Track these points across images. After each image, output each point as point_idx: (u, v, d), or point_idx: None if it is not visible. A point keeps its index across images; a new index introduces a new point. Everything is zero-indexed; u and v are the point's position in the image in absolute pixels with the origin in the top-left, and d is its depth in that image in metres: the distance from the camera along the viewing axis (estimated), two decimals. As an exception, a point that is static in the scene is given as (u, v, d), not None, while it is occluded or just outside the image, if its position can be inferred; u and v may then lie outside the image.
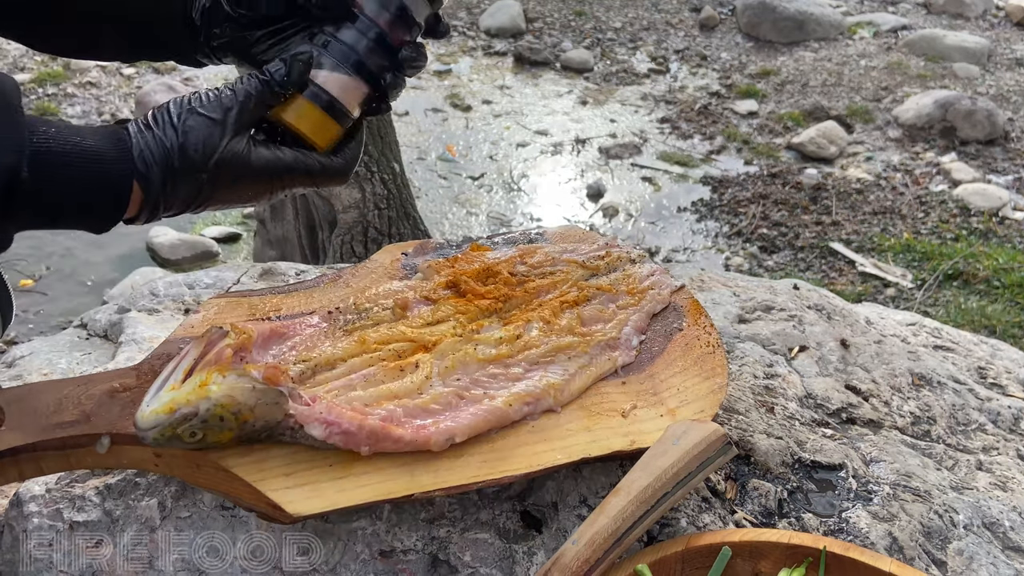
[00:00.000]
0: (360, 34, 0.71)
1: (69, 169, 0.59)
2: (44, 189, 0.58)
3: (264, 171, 0.68)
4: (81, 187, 0.60)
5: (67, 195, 0.59)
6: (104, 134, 0.62)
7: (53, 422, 0.65)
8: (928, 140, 4.74)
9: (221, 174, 0.65)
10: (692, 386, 0.80)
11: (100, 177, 0.60)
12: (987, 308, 3.27)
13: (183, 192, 0.65)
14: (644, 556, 0.65)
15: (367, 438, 0.66)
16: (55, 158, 0.58)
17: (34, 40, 0.80)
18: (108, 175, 0.60)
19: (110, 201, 0.61)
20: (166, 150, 0.63)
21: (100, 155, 0.60)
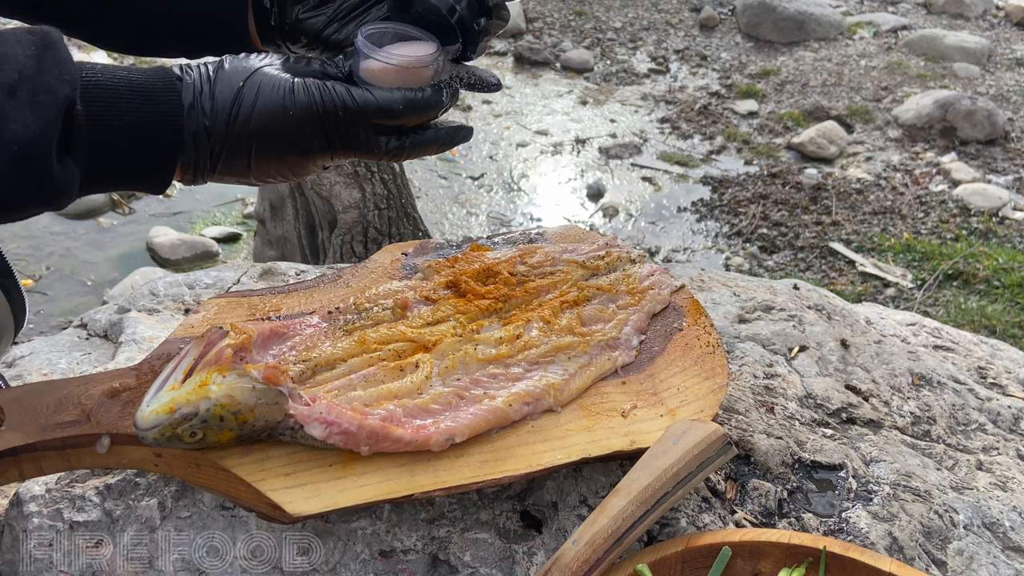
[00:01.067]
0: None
1: (120, 101, 0.58)
2: (99, 123, 0.57)
3: (304, 99, 0.63)
4: (133, 119, 0.59)
5: (122, 129, 0.59)
6: (152, 71, 0.61)
7: (53, 422, 0.65)
8: (928, 140, 4.74)
9: (255, 100, 0.62)
10: (692, 386, 0.80)
11: (150, 109, 0.59)
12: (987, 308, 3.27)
13: (218, 124, 0.62)
14: (644, 556, 0.65)
15: (367, 438, 0.66)
16: (106, 92, 0.58)
17: (92, 35, 0.78)
18: (157, 106, 0.60)
19: (161, 136, 0.60)
20: (204, 71, 0.62)
21: (148, 87, 0.60)
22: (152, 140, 0.60)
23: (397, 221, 2.75)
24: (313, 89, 0.64)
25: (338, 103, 0.64)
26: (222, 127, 0.62)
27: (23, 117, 0.53)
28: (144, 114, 0.59)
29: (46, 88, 0.54)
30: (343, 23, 0.73)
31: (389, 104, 0.66)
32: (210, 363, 0.66)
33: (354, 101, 0.65)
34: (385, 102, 0.66)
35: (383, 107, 0.66)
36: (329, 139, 0.65)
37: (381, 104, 0.66)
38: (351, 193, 2.65)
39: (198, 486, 0.69)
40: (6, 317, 0.82)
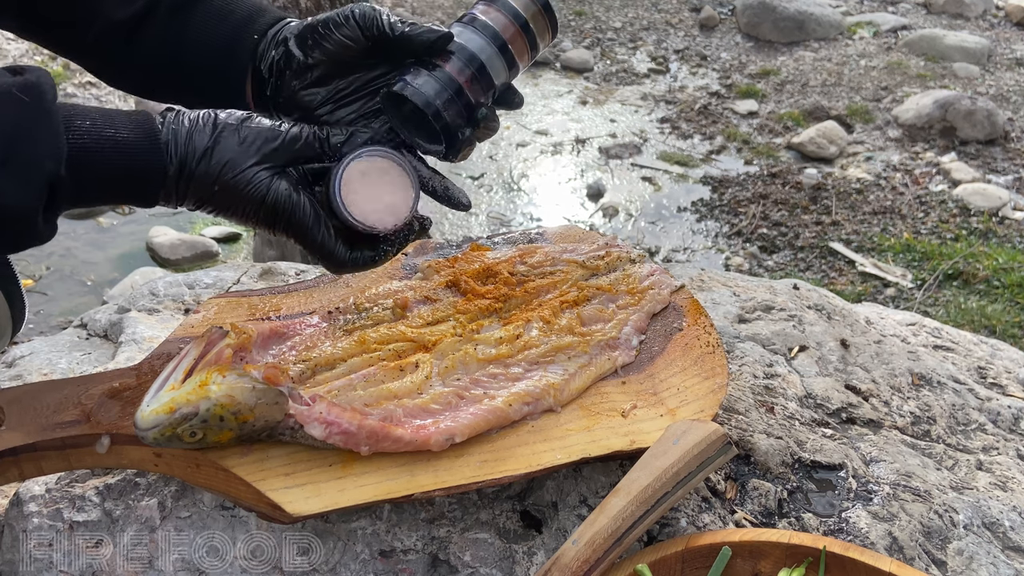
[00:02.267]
0: (440, 86, 0.70)
1: (105, 166, 0.61)
2: (82, 184, 0.61)
3: (268, 213, 0.67)
4: (117, 178, 0.63)
5: (103, 186, 0.63)
6: (137, 124, 0.64)
7: (53, 422, 0.65)
8: (928, 140, 4.74)
9: (228, 195, 0.66)
10: (692, 386, 0.80)
11: (132, 170, 0.63)
12: (987, 308, 3.27)
13: (194, 193, 0.66)
14: (644, 556, 0.65)
15: (367, 438, 0.66)
16: (91, 156, 0.61)
17: (98, 70, 0.82)
18: (140, 168, 0.63)
19: (141, 191, 0.64)
20: (192, 151, 0.64)
21: (132, 148, 0.62)
22: (127, 196, 0.64)
23: (397, 221, 2.74)
24: (281, 206, 0.67)
25: (295, 230, 0.68)
26: (191, 200, 0.66)
27: (11, 188, 0.56)
28: (122, 177, 0.63)
29: (35, 162, 0.57)
30: (337, 105, 0.75)
31: (335, 257, 0.70)
32: (210, 363, 0.66)
33: (309, 238, 0.69)
34: (332, 255, 0.70)
35: (327, 258, 0.70)
36: (281, 237, 0.70)
37: (328, 254, 0.70)
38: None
39: (198, 486, 0.69)
40: (5, 322, 0.83)
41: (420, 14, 6.42)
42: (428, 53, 0.71)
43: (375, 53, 0.73)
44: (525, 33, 0.72)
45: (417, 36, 0.71)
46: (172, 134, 0.64)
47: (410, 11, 6.46)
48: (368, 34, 0.71)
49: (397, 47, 0.72)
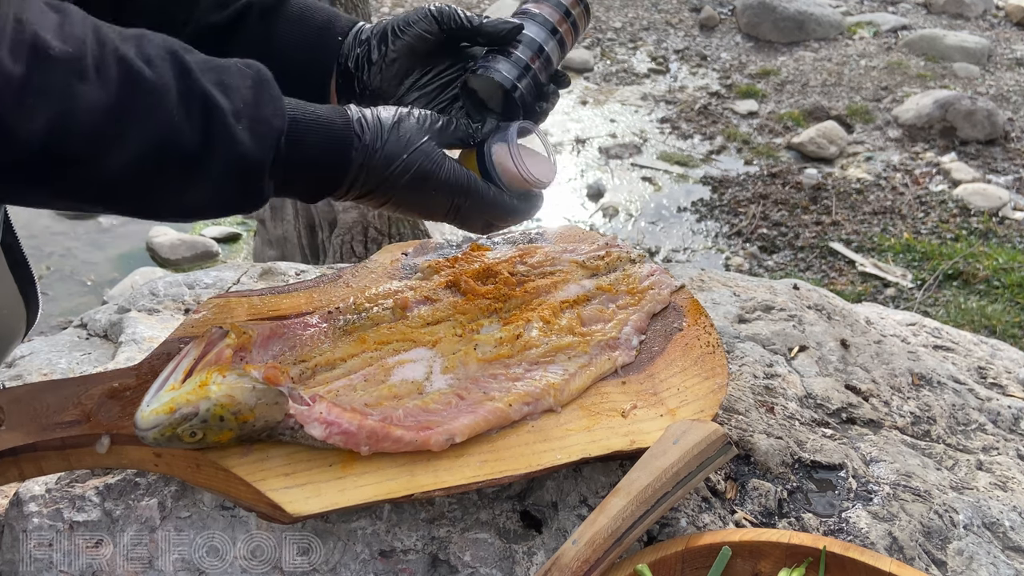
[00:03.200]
0: (517, 68, 0.81)
1: (310, 135, 0.68)
2: (293, 151, 0.67)
3: (448, 181, 0.74)
4: (317, 152, 0.69)
5: (306, 158, 0.69)
6: (332, 108, 0.72)
7: (53, 422, 0.65)
8: (928, 140, 4.74)
9: (414, 167, 0.72)
10: (692, 386, 0.80)
11: (332, 140, 0.70)
12: (987, 308, 3.27)
13: (378, 171, 0.72)
14: (644, 556, 0.65)
15: (367, 438, 0.66)
16: (299, 125, 0.68)
17: None
18: (338, 139, 0.70)
19: (335, 169, 0.71)
20: (379, 126, 0.72)
21: (331, 122, 0.70)
22: (325, 171, 0.71)
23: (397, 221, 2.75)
24: (460, 176, 0.75)
25: (472, 196, 0.76)
26: (376, 179, 0.72)
27: (251, 142, 0.63)
28: (324, 149, 0.69)
29: (264, 120, 0.65)
30: (418, 94, 0.84)
31: (509, 211, 0.79)
32: (210, 363, 0.66)
33: (483, 200, 0.77)
34: (503, 208, 0.79)
35: (504, 212, 0.79)
36: (451, 214, 0.77)
37: (504, 210, 0.79)
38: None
39: (198, 486, 0.69)
40: (19, 323, 0.86)
41: (420, 14, 6.42)
42: (502, 42, 0.82)
43: (447, 47, 0.83)
44: (568, 18, 0.84)
45: (493, 27, 0.81)
46: (361, 114, 0.72)
47: (410, 11, 6.46)
48: (445, 27, 0.81)
49: (474, 37, 0.82)
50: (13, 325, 0.87)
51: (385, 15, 6.33)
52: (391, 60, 0.81)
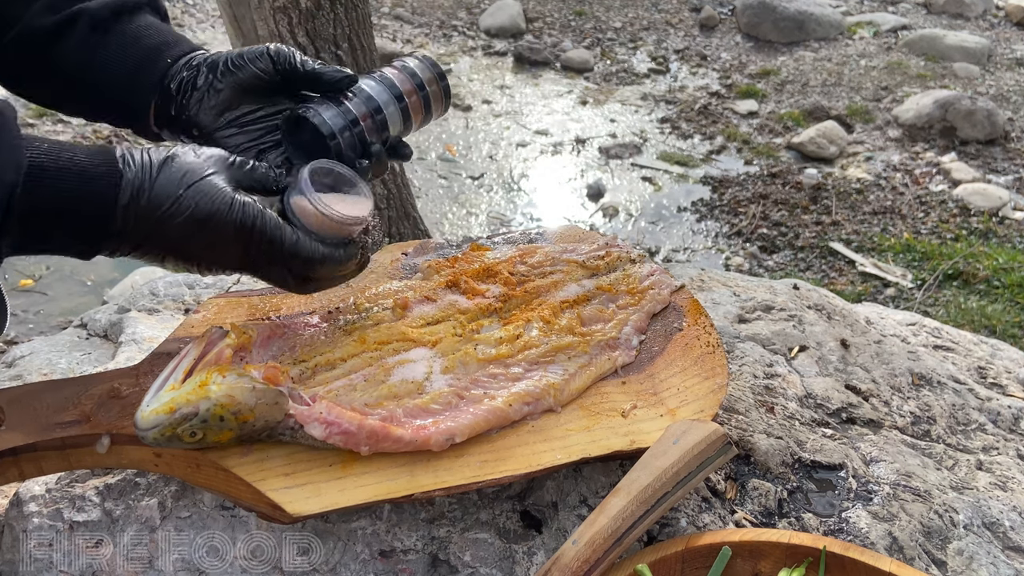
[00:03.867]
0: (339, 115, 0.76)
1: (60, 183, 0.60)
2: (37, 202, 0.59)
3: (234, 223, 0.64)
4: (70, 198, 0.61)
5: (58, 207, 0.61)
6: (96, 151, 0.63)
7: (53, 422, 0.65)
8: (928, 140, 4.74)
9: (191, 207, 0.63)
10: (692, 386, 0.80)
11: (88, 191, 0.61)
12: (987, 308, 3.27)
13: (148, 212, 0.63)
14: (644, 556, 0.65)
15: (367, 438, 0.66)
16: (48, 173, 0.60)
17: (14, 83, 0.83)
18: (95, 189, 0.62)
19: (96, 215, 0.62)
20: (148, 162, 0.64)
21: (87, 170, 0.62)
22: (85, 219, 0.62)
23: (397, 221, 2.74)
24: (249, 214, 0.65)
25: (266, 237, 0.66)
26: (148, 223, 0.63)
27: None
28: (79, 194, 0.61)
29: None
30: (239, 131, 0.77)
31: (311, 256, 0.69)
32: (210, 363, 0.66)
33: (281, 243, 0.67)
34: (308, 254, 0.68)
35: (305, 258, 0.69)
36: (246, 263, 0.68)
37: (304, 256, 0.68)
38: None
39: (198, 486, 0.69)
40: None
41: (420, 14, 6.43)
42: (333, 89, 0.78)
43: (283, 89, 0.79)
44: (420, 91, 0.81)
45: (325, 73, 0.78)
46: (129, 153, 0.64)
47: (410, 11, 6.46)
48: (280, 68, 0.77)
49: (306, 82, 0.78)
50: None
51: (385, 14, 6.33)
52: (217, 90, 0.76)
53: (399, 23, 6.27)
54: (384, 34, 5.96)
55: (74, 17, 0.77)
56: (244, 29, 2.23)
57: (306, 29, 2.17)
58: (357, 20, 2.29)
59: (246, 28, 2.22)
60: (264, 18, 2.16)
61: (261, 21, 2.17)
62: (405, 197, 2.80)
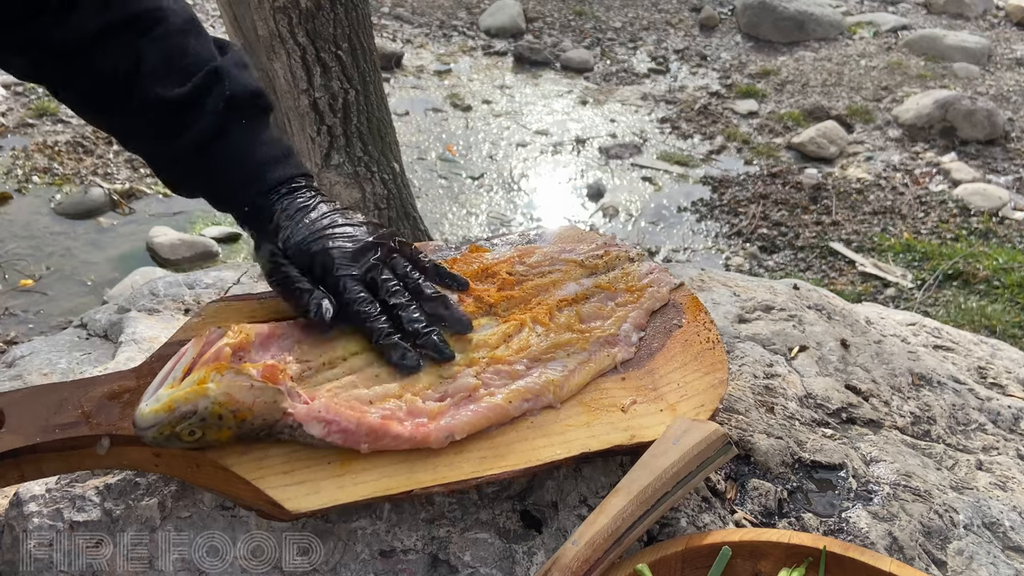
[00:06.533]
0: None
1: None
2: None
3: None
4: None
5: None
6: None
7: (53, 424, 0.65)
8: (928, 140, 4.74)
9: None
10: (692, 381, 0.80)
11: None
12: (987, 308, 3.27)
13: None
14: (644, 556, 0.65)
15: (366, 436, 0.66)
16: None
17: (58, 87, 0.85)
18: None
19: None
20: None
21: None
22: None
23: (397, 221, 2.74)
24: None
25: None
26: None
27: None
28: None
29: None
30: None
31: None
32: (208, 362, 0.66)
33: None
34: None
35: None
36: None
37: None
38: (351, 193, 2.65)
39: (198, 486, 0.69)
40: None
41: (420, 14, 6.43)
42: None
43: None
44: None
45: None
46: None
47: (410, 11, 6.46)
48: None
49: None
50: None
51: (385, 14, 6.33)
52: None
53: (399, 23, 6.27)
54: (384, 34, 5.96)
55: (209, 86, 0.81)
56: (244, 29, 2.23)
57: (306, 29, 2.17)
58: (357, 20, 2.29)
59: (246, 28, 2.22)
60: (264, 18, 2.16)
61: (261, 21, 2.17)
62: (405, 197, 2.80)
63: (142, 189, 3.94)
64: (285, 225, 0.81)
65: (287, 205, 0.82)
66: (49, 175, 3.93)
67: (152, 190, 3.96)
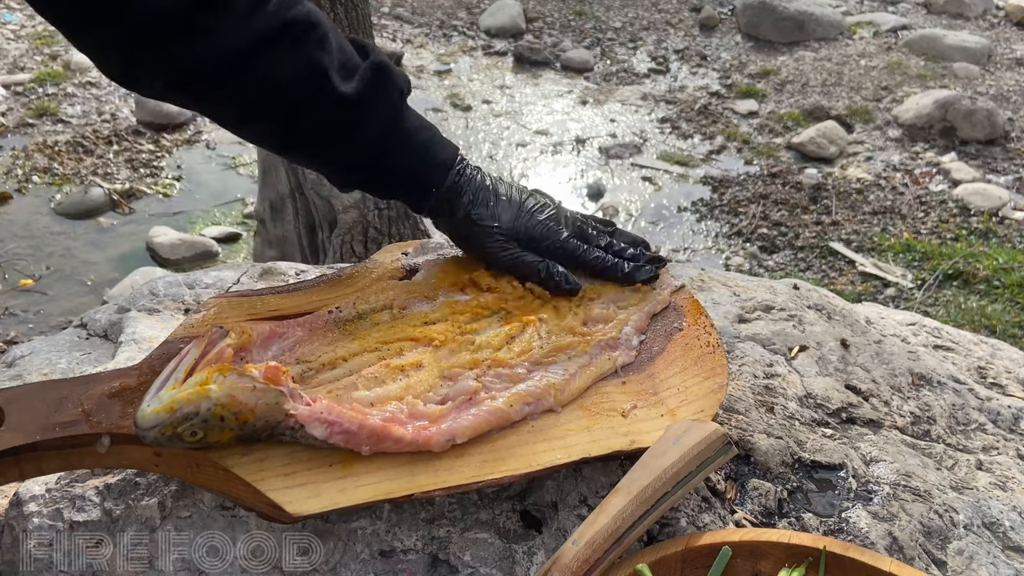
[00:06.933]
0: None
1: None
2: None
3: None
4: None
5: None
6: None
7: (53, 422, 0.65)
8: (928, 140, 4.74)
9: None
10: (692, 386, 0.80)
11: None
12: (987, 308, 3.27)
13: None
14: (644, 556, 0.65)
15: (368, 438, 0.66)
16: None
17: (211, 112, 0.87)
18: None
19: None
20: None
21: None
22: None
23: (397, 221, 2.74)
24: None
25: None
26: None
27: None
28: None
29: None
30: None
31: None
32: (211, 363, 0.66)
33: None
34: None
35: None
36: None
37: None
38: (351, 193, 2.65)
39: (198, 486, 0.69)
40: None
41: (420, 14, 6.43)
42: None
43: None
44: None
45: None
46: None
47: (410, 11, 6.46)
48: None
49: None
50: None
51: (385, 14, 6.33)
52: None
53: (399, 23, 6.27)
54: (384, 34, 5.96)
55: (379, 81, 0.83)
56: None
57: (306, 29, 2.17)
58: (357, 20, 2.29)
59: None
60: (264, 18, 2.15)
61: (261, 21, 2.16)
62: (405, 197, 2.80)
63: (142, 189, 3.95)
64: (489, 209, 0.88)
65: (475, 188, 0.88)
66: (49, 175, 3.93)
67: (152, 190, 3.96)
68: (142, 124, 4.49)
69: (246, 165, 4.23)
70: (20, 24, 5.45)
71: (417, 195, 0.89)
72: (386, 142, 0.84)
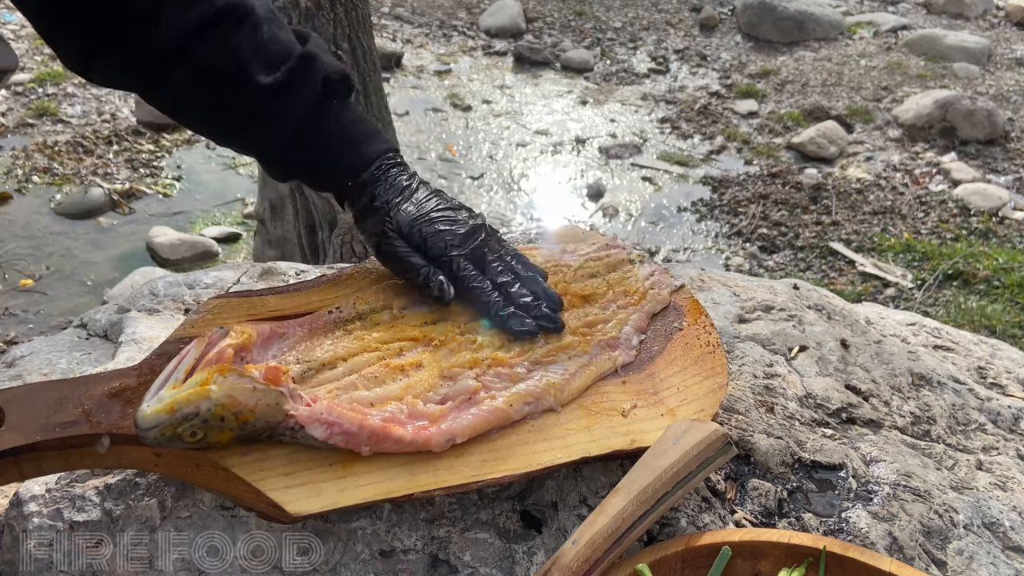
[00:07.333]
0: None
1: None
2: None
3: None
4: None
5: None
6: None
7: (53, 422, 0.65)
8: (928, 140, 4.74)
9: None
10: (692, 385, 0.80)
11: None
12: (987, 308, 3.27)
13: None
14: (644, 556, 0.65)
15: (368, 438, 0.66)
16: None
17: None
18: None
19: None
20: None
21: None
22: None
23: (397, 221, 2.74)
24: None
25: None
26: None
27: None
28: None
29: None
30: None
31: None
32: (211, 363, 0.66)
33: None
34: None
35: None
36: None
37: None
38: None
39: (198, 486, 0.69)
40: None
41: (420, 14, 6.43)
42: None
43: None
44: None
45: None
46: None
47: (410, 11, 6.46)
48: None
49: None
50: None
51: (385, 14, 6.33)
52: None
53: (399, 23, 6.27)
54: (384, 34, 5.96)
55: (304, 70, 0.83)
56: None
57: (306, 29, 2.18)
58: (357, 20, 2.29)
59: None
60: (264, 18, 2.16)
61: (261, 21, 2.17)
62: (405, 197, 2.80)
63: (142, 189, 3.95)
64: (394, 202, 0.86)
65: (390, 182, 0.87)
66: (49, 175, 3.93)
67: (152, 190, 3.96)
68: (142, 124, 4.49)
69: (246, 165, 4.23)
70: (20, 24, 5.45)
71: (339, 187, 0.89)
72: (303, 134, 0.84)
